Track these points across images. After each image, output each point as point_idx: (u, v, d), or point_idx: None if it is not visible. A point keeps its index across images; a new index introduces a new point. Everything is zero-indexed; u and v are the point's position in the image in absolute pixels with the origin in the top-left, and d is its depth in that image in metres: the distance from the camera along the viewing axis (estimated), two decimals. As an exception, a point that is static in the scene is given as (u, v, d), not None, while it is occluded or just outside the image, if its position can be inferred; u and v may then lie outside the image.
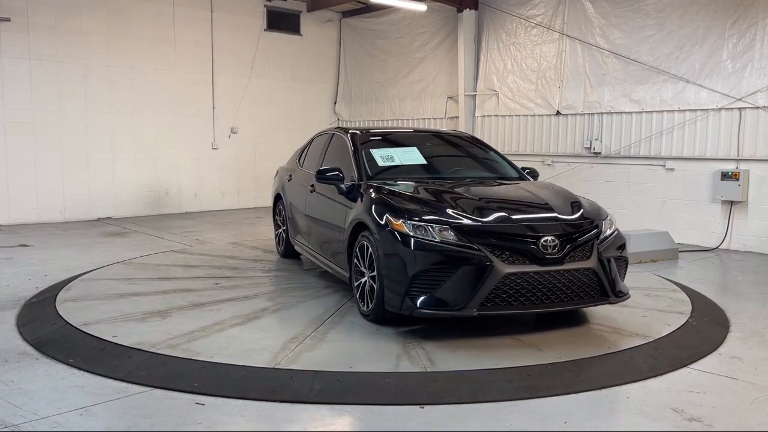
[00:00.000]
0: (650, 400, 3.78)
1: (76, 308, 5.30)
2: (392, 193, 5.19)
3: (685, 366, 4.29)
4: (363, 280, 5.09)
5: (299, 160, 7.46)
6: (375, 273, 4.84)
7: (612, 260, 4.86)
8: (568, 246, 4.64)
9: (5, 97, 10.18)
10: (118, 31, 11.23)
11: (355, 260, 5.21)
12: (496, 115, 11.59)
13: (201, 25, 12.28)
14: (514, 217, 4.79)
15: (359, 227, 5.18)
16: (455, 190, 5.31)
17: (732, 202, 8.70)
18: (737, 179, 8.52)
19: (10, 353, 4.39)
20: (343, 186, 5.68)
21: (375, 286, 4.84)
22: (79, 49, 10.83)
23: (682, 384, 4.00)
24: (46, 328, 4.92)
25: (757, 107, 8.41)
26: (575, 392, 3.84)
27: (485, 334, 4.84)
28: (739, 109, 8.58)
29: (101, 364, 4.15)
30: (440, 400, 3.70)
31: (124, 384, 3.86)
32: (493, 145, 11.21)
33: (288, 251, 7.52)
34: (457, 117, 12.13)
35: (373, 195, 5.19)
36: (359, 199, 5.33)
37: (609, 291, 4.81)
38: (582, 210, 5.06)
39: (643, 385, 3.99)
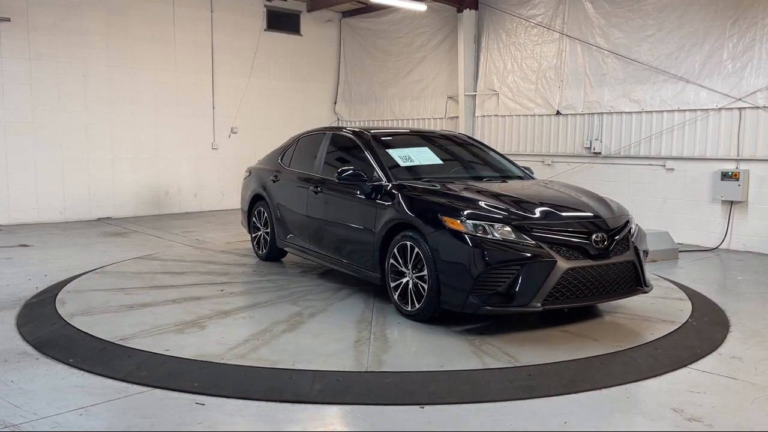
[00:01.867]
0: (650, 400, 3.78)
1: (97, 323, 4.93)
2: (434, 192, 5.23)
3: (685, 366, 4.29)
4: (404, 280, 5.14)
5: (282, 160, 7.32)
6: (425, 273, 4.89)
7: (642, 252, 5.18)
8: (613, 241, 4.91)
9: (5, 97, 10.18)
10: (118, 31, 11.23)
11: (392, 261, 5.22)
12: (496, 115, 11.60)
13: (201, 25, 12.28)
14: (564, 215, 4.99)
15: (398, 227, 5.20)
16: (489, 189, 5.41)
17: (732, 202, 8.70)
18: (737, 179, 8.52)
19: (10, 353, 4.39)
20: (367, 186, 5.65)
21: (425, 286, 4.89)
22: (79, 49, 10.83)
23: (682, 384, 4.00)
24: (46, 328, 4.92)
25: (757, 107, 8.41)
26: (575, 392, 3.84)
27: (531, 328, 5.00)
28: (739, 109, 8.58)
29: (101, 364, 4.15)
30: (440, 400, 3.70)
31: (124, 384, 3.86)
32: (493, 145, 11.26)
33: (272, 254, 7.34)
34: (457, 117, 12.13)
35: (414, 195, 5.24)
36: (393, 200, 5.32)
37: (642, 282, 5.12)
38: (613, 207, 5.36)
39: (643, 385, 4.00)
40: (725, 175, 8.64)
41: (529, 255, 4.59)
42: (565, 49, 10.43)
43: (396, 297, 5.24)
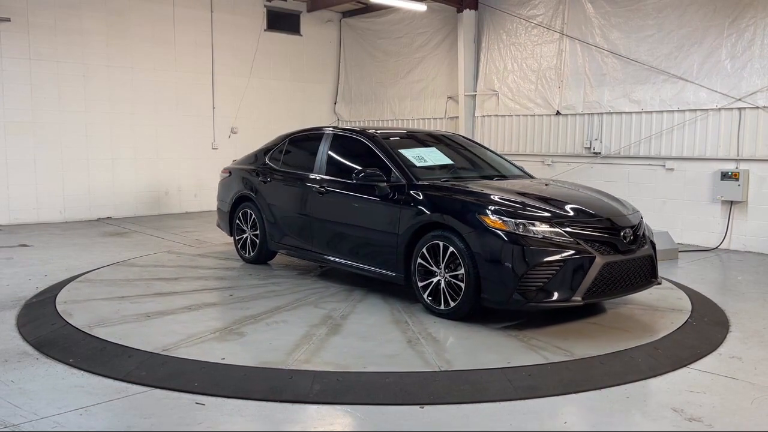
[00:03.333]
0: (650, 400, 3.79)
1: (125, 333, 4.67)
2: (465, 192, 5.31)
3: (685, 366, 4.29)
4: (434, 280, 5.20)
5: (269, 161, 7.16)
6: (458, 272, 4.98)
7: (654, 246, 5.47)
8: (637, 236, 5.19)
9: (5, 97, 10.18)
10: (118, 31, 11.23)
11: (421, 261, 5.26)
12: (496, 115, 11.59)
13: (201, 25, 12.28)
14: (594, 212, 5.18)
15: (426, 227, 5.25)
16: (511, 188, 5.56)
17: (732, 202, 8.71)
18: (737, 179, 8.53)
19: (10, 353, 4.39)
20: (386, 187, 5.63)
21: (460, 285, 4.97)
22: (79, 49, 10.83)
23: (682, 384, 4.00)
24: (46, 328, 4.91)
25: (757, 107, 8.41)
26: (575, 392, 3.84)
27: (561, 322, 5.12)
28: (739, 109, 8.58)
29: (101, 364, 4.15)
30: (440, 400, 3.70)
31: (124, 384, 3.86)
32: (493, 145, 11.32)
33: (261, 257, 7.17)
34: (457, 117, 12.13)
35: (445, 195, 5.31)
36: (419, 200, 5.36)
37: (656, 274, 5.39)
38: (627, 205, 5.63)
39: (643, 385, 4.00)
40: (725, 175, 8.64)
41: (572, 251, 4.74)
42: (565, 49, 10.43)
43: (425, 296, 5.28)
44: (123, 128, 11.44)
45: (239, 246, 7.48)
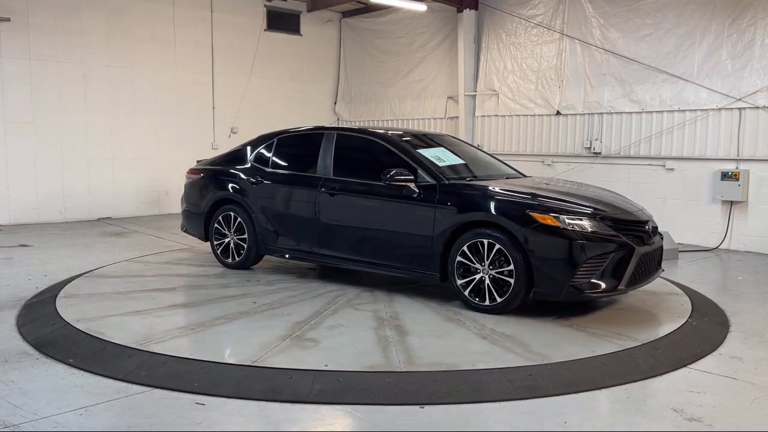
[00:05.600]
0: (650, 400, 3.78)
1: (192, 347, 4.46)
2: (505, 191, 5.45)
3: (685, 366, 4.29)
4: (477, 276, 5.32)
5: (256, 161, 6.94)
6: (503, 268, 5.13)
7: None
8: (655, 229, 5.62)
9: (5, 97, 10.17)
10: (118, 31, 11.23)
11: (461, 258, 5.36)
12: (496, 115, 11.59)
13: (201, 25, 12.27)
14: (623, 207, 5.53)
15: (465, 226, 5.34)
16: (538, 186, 5.80)
17: (732, 202, 8.70)
18: (737, 179, 8.52)
19: (10, 353, 4.39)
20: (414, 188, 5.61)
21: (509, 281, 5.12)
22: (79, 49, 10.83)
23: (682, 384, 4.00)
24: (46, 328, 4.91)
25: (757, 107, 8.41)
26: (575, 392, 3.84)
27: (591, 311, 5.44)
28: (739, 109, 8.58)
29: (101, 364, 4.15)
30: (440, 400, 3.70)
31: (124, 384, 3.86)
32: (493, 146, 11.34)
33: (248, 261, 6.87)
34: (457, 117, 12.13)
35: (490, 194, 5.43)
36: (456, 199, 5.43)
37: (661, 262, 5.73)
38: (634, 203, 5.99)
39: (643, 385, 4.00)
40: (725, 175, 8.64)
41: (617, 244, 5.05)
42: (565, 49, 10.43)
43: (467, 293, 5.38)
44: (123, 128, 11.44)
45: (218, 252, 7.10)
